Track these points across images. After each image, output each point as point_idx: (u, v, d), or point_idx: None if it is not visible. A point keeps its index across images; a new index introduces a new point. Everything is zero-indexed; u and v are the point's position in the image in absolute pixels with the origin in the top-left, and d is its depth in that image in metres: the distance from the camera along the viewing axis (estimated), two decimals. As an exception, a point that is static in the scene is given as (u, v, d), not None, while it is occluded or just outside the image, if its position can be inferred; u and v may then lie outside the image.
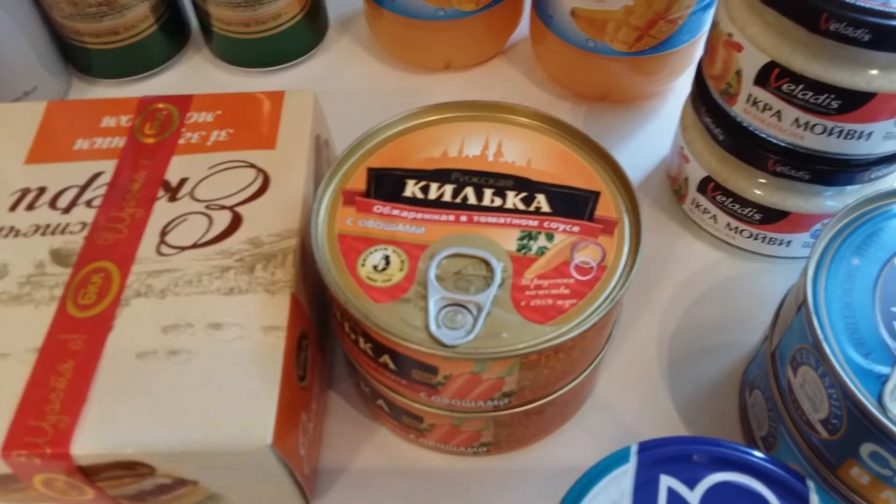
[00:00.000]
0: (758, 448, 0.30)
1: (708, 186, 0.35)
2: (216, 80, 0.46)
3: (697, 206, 0.37)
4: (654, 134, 0.42)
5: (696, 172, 0.36)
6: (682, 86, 0.44)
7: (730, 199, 0.35)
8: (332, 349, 0.34)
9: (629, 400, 0.33)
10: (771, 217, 0.34)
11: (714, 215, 0.36)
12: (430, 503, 0.30)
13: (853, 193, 0.33)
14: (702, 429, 0.32)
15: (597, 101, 0.44)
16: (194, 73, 0.47)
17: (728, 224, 0.36)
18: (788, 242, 0.35)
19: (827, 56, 0.28)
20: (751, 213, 0.34)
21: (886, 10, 0.26)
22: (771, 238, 0.35)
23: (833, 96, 0.28)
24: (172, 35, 0.46)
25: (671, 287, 0.36)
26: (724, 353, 0.34)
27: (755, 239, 0.36)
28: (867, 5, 0.26)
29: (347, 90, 0.45)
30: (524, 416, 0.29)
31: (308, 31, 0.46)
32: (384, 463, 0.31)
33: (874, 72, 0.27)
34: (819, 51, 0.28)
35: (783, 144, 0.31)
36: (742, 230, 0.36)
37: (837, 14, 0.26)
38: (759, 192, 0.34)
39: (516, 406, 0.28)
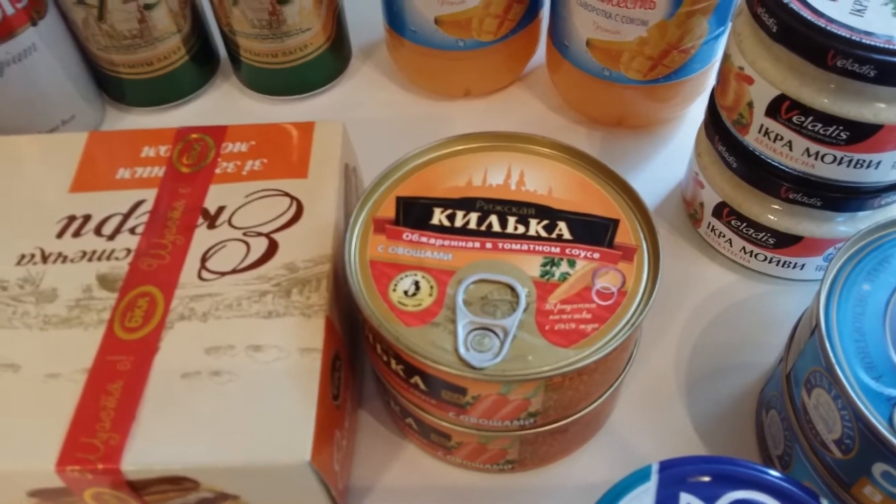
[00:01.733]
0: (774, 467, 0.31)
1: (723, 211, 0.37)
2: (245, 108, 0.48)
3: (713, 230, 0.38)
4: (670, 158, 0.44)
5: (710, 198, 0.37)
6: (696, 111, 0.45)
7: (744, 224, 0.36)
8: (362, 369, 0.36)
9: (649, 419, 0.34)
10: (785, 241, 0.35)
11: (729, 239, 0.37)
12: (457, 518, 0.32)
13: (865, 219, 0.34)
14: (719, 447, 0.33)
15: (612, 126, 0.46)
16: (223, 101, 0.49)
17: (743, 248, 0.37)
18: (802, 266, 0.36)
19: (835, 90, 0.29)
20: (765, 238, 0.36)
21: (891, 47, 0.27)
22: (785, 262, 0.36)
23: (842, 128, 0.30)
24: (202, 65, 0.48)
25: (688, 309, 0.37)
26: (741, 373, 0.35)
27: (770, 262, 0.37)
28: (872, 43, 0.27)
29: (371, 117, 0.47)
30: (548, 435, 0.30)
31: (332, 61, 0.48)
32: (413, 479, 0.33)
33: (881, 105, 0.29)
34: (827, 85, 0.29)
35: (795, 173, 0.32)
36: (757, 254, 0.37)
37: (844, 51, 0.28)
38: (772, 218, 0.35)
39: (541, 426, 0.29)
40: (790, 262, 0.36)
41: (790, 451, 0.29)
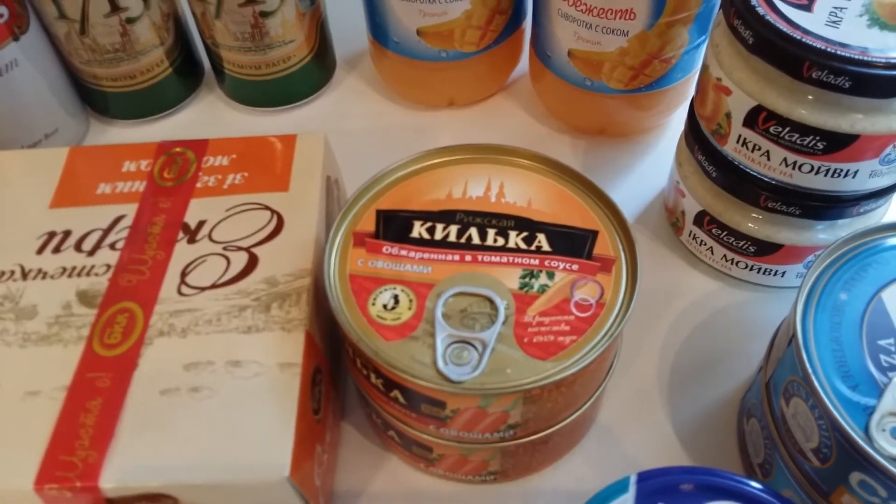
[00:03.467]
0: (755, 475, 0.31)
1: (704, 220, 0.37)
2: (229, 120, 0.48)
3: (694, 238, 0.38)
4: (652, 167, 0.44)
5: (691, 206, 0.37)
6: (678, 120, 0.45)
7: (725, 232, 0.36)
8: (343, 382, 0.36)
9: (631, 428, 0.34)
10: (765, 249, 0.35)
11: (711, 247, 0.38)
12: (440, 531, 0.32)
13: (845, 227, 0.34)
14: (701, 456, 0.33)
15: (595, 135, 0.46)
16: (207, 113, 0.49)
17: (724, 256, 0.37)
18: (783, 273, 0.37)
19: (811, 101, 0.29)
20: (746, 246, 0.36)
21: (865, 58, 0.28)
22: (766, 269, 0.37)
23: (818, 138, 0.30)
24: (186, 77, 0.48)
25: (670, 317, 0.37)
26: (723, 381, 0.35)
27: (751, 270, 0.37)
28: (847, 54, 0.28)
29: (355, 128, 0.47)
30: (529, 447, 0.30)
31: (316, 72, 0.48)
32: (396, 491, 0.33)
33: (857, 115, 0.29)
34: (803, 96, 0.29)
35: (773, 182, 0.32)
36: (738, 261, 0.37)
37: (819, 63, 0.28)
38: (752, 226, 0.35)
39: (521, 437, 0.29)
40: (771, 270, 0.36)
41: (770, 459, 0.30)
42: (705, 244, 0.38)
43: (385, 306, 0.28)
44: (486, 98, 0.48)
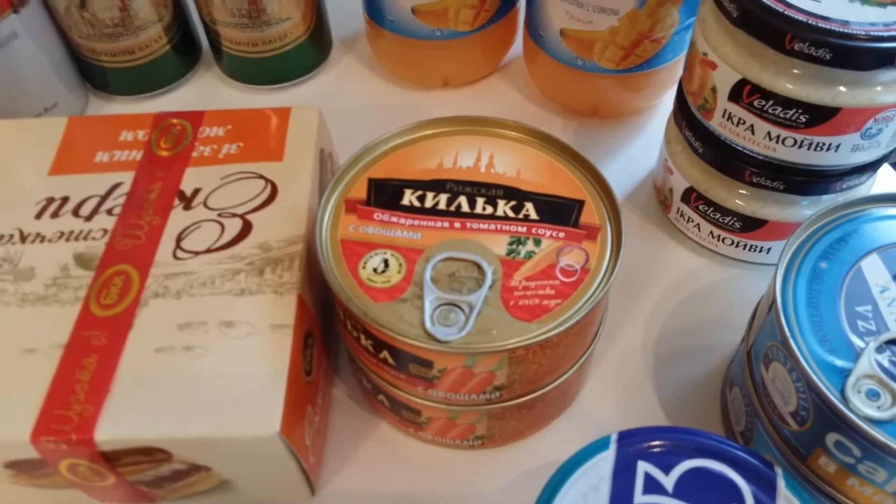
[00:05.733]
0: (737, 442, 0.32)
1: (691, 196, 0.37)
2: (226, 97, 0.49)
3: (682, 215, 0.39)
4: (643, 147, 0.45)
5: (679, 183, 0.38)
6: (669, 102, 0.46)
7: (711, 209, 0.37)
8: (336, 349, 0.36)
9: (616, 398, 0.35)
10: (750, 225, 0.36)
11: (697, 224, 0.38)
12: (428, 493, 0.32)
13: (828, 203, 0.35)
14: (686, 424, 0.34)
15: (588, 116, 0.46)
16: (205, 90, 0.49)
17: (711, 232, 0.38)
18: (768, 249, 0.37)
19: (794, 74, 0.30)
20: (731, 222, 0.36)
21: (846, 31, 0.28)
22: (751, 245, 0.37)
23: (801, 111, 0.30)
24: (184, 54, 0.49)
25: (657, 292, 0.38)
26: (707, 353, 0.36)
27: (736, 246, 0.38)
28: (829, 27, 0.28)
29: (350, 106, 0.48)
30: (515, 410, 0.31)
31: (313, 50, 0.48)
32: (385, 455, 0.33)
33: (838, 88, 0.30)
34: (786, 69, 0.30)
35: (758, 157, 0.33)
36: (724, 238, 0.38)
37: (801, 35, 0.28)
38: (738, 202, 0.36)
39: (507, 400, 0.30)
40: (756, 246, 0.37)
41: (751, 426, 0.30)
42: (692, 221, 0.38)
43: (375, 270, 0.29)
44: (481, 79, 0.49)
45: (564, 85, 0.45)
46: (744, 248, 0.38)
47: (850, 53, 0.28)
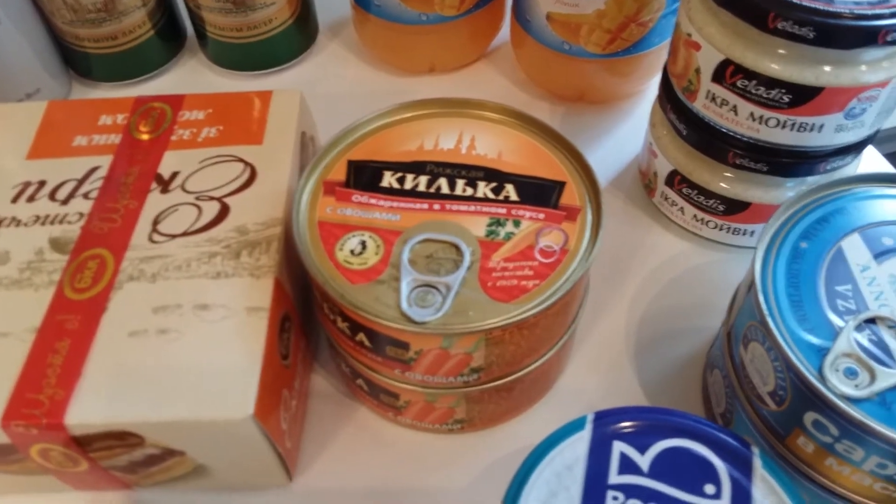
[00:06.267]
0: (717, 424, 0.32)
1: (675, 180, 0.37)
2: (211, 83, 0.48)
3: (666, 198, 0.39)
4: (629, 133, 0.44)
5: (663, 167, 0.37)
6: (655, 87, 0.45)
7: (695, 192, 0.36)
8: (316, 334, 0.36)
9: (598, 381, 0.34)
10: (734, 208, 0.36)
11: (681, 207, 0.38)
12: (408, 478, 0.32)
13: (811, 183, 0.34)
14: (667, 406, 0.33)
15: (574, 101, 0.46)
16: (190, 77, 0.49)
17: (695, 215, 0.38)
18: (752, 232, 0.37)
19: (777, 53, 0.29)
20: (715, 205, 0.36)
21: (830, 9, 0.28)
22: (735, 228, 0.37)
23: (784, 91, 0.30)
24: (168, 40, 0.48)
25: (641, 275, 0.38)
26: (689, 336, 0.36)
27: (720, 229, 0.37)
28: (812, 5, 0.28)
29: (336, 92, 0.47)
30: (494, 393, 0.30)
31: (298, 36, 0.48)
32: (364, 441, 0.33)
33: (821, 67, 0.29)
34: (769, 48, 0.29)
35: (741, 138, 0.33)
36: (708, 221, 0.37)
37: (784, 14, 0.28)
38: (722, 185, 0.35)
39: (485, 382, 0.29)
40: (740, 229, 0.37)
41: (731, 407, 0.30)
42: (676, 204, 0.38)
43: (352, 251, 0.29)
44: (468, 64, 0.48)
45: (551, 70, 0.44)
46: (727, 231, 0.37)
47: (834, 32, 0.28)
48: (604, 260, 0.38)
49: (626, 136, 0.44)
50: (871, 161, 0.43)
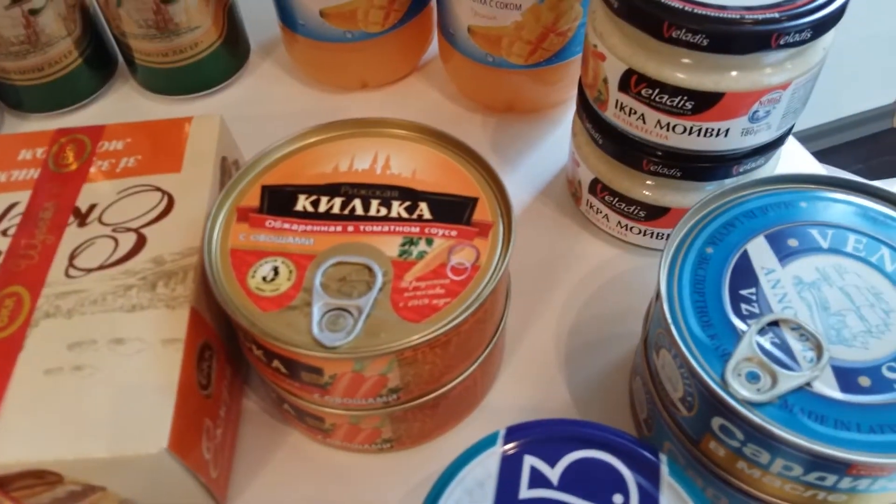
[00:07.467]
0: (642, 431, 0.32)
1: (597, 188, 0.37)
2: (144, 110, 0.48)
3: (591, 206, 0.39)
4: (559, 141, 0.45)
5: (586, 175, 0.38)
6: (585, 93, 0.46)
7: (616, 199, 0.37)
8: (247, 361, 0.36)
9: (528, 393, 0.35)
10: (654, 213, 0.36)
11: (606, 214, 0.38)
12: (339, 499, 0.32)
13: (715, 189, 0.35)
14: (595, 416, 0.34)
15: (505, 112, 0.46)
16: (123, 103, 0.49)
17: (619, 222, 0.38)
18: (676, 236, 0.37)
19: (676, 61, 0.30)
20: (636, 211, 0.37)
21: (722, 16, 0.28)
22: (658, 233, 0.37)
23: (686, 98, 0.31)
24: (98, 67, 0.48)
25: (570, 284, 0.38)
26: (618, 343, 0.36)
27: (644, 235, 0.38)
28: (704, 12, 0.28)
29: (269, 112, 0.47)
30: (418, 411, 0.30)
31: (227, 58, 0.48)
32: (297, 464, 0.33)
33: (720, 73, 0.30)
34: (669, 57, 0.30)
35: (652, 145, 0.33)
36: (631, 227, 0.38)
37: (677, 22, 0.28)
38: (641, 191, 0.36)
39: (406, 401, 0.30)
40: (662, 234, 0.37)
41: (652, 413, 0.30)
42: (601, 212, 0.38)
43: (264, 278, 0.29)
44: (400, 79, 0.49)
45: (478, 82, 0.45)
46: (651, 237, 0.38)
47: (727, 38, 0.28)
48: (534, 269, 0.38)
49: (556, 144, 0.44)
50: (800, 160, 0.43)
